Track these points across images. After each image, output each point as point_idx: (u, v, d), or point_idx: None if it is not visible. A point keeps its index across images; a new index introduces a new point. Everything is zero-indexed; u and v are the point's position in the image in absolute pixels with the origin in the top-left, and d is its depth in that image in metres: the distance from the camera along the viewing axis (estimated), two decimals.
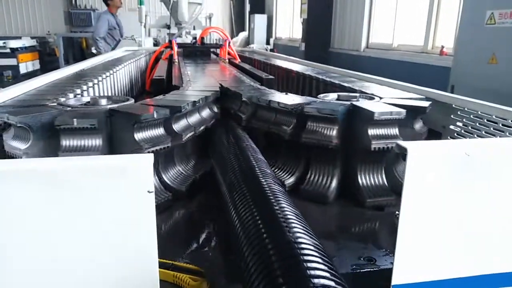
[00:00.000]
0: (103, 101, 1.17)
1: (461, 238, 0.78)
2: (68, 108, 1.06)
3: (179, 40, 6.48)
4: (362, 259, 0.92)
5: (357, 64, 6.64)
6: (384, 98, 1.36)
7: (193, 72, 2.18)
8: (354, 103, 1.17)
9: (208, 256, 0.93)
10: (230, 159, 1.03)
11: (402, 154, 0.71)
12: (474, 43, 3.82)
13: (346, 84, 1.77)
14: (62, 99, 1.22)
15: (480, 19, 3.68)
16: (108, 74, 1.86)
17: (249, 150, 1.05)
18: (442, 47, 5.44)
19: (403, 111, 1.10)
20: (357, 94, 1.42)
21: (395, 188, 1.17)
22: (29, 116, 0.99)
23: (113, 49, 7.12)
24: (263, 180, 0.87)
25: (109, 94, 1.88)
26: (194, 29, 7.91)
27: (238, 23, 16.26)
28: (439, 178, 0.72)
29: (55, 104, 1.14)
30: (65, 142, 0.98)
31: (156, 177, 1.14)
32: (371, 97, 1.38)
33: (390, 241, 1.01)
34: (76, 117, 0.94)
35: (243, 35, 13.55)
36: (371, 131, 1.10)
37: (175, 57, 2.71)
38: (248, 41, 13.00)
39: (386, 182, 1.18)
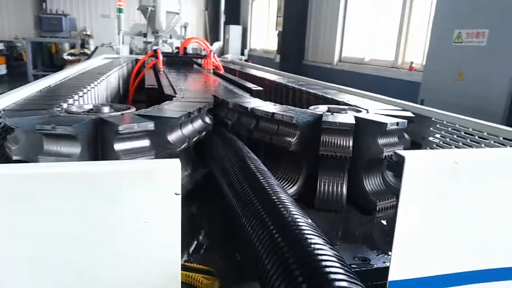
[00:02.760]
0: (106, 109, 1.21)
1: (451, 238, 0.86)
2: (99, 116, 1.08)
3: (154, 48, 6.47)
4: (356, 259, 1.00)
5: (330, 77, 6.81)
6: (370, 110, 1.46)
7: (182, 81, 2.22)
8: (362, 116, 1.27)
9: (215, 258, 0.97)
10: (235, 172, 1.07)
11: (400, 160, 0.79)
12: (443, 60, 4.04)
13: (329, 96, 1.87)
14: (65, 106, 1.24)
15: (448, 38, 3.90)
16: (96, 83, 1.88)
17: (251, 160, 1.11)
18: (412, 62, 5.70)
19: (405, 121, 1.21)
20: (346, 107, 1.51)
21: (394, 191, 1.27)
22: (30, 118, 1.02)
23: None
24: (270, 190, 0.93)
25: (97, 102, 1.90)
26: (170, 38, 7.94)
27: (213, 33, 16.37)
28: (431, 183, 0.81)
29: (59, 110, 1.16)
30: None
31: None
32: (358, 110, 1.47)
33: (383, 243, 1.09)
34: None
35: (217, 45, 13.64)
36: (382, 141, 1.19)
37: (161, 66, 2.74)
38: (222, 51, 13.11)
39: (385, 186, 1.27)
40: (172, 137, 1.17)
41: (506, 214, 0.89)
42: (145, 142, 1.03)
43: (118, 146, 0.97)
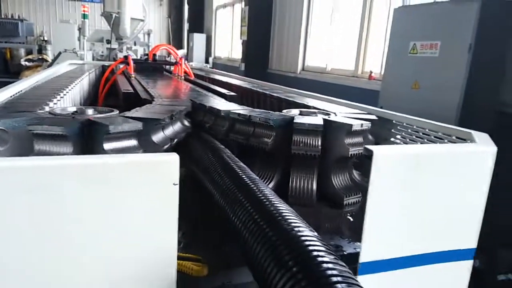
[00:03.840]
0: (90, 111, 1.25)
1: (412, 223, 0.98)
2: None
3: (120, 55, 6.44)
4: (330, 246, 1.10)
5: (294, 86, 6.99)
6: (338, 114, 1.58)
7: (156, 87, 2.27)
8: (330, 118, 1.39)
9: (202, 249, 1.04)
10: (217, 169, 1.15)
11: (369, 155, 0.90)
12: (399, 70, 4.28)
13: (299, 101, 1.98)
14: (48, 108, 1.27)
15: (405, 49, 4.14)
16: (71, 86, 1.90)
17: (230, 158, 1.19)
18: (371, 72, 5.98)
19: (369, 123, 1.33)
20: (316, 110, 1.62)
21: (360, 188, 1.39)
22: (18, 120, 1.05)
23: None
24: (251, 183, 1.01)
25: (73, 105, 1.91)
26: (135, 44, 7.88)
27: (176, 40, 16.34)
28: (396, 173, 0.92)
29: (43, 112, 1.20)
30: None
31: None
32: (327, 113, 1.59)
33: (352, 233, 1.20)
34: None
35: (181, 52, 13.61)
36: (348, 140, 1.31)
37: (132, 72, 2.77)
38: (187, 59, 13.11)
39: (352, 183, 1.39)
40: (156, 137, 1.23)
41: (460, 200, 1.02)
42: (133, 142, 1.08)
43: (108, 146, 1.03)
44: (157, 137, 1.26)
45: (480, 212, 1.04)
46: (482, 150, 1.03)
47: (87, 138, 1.04)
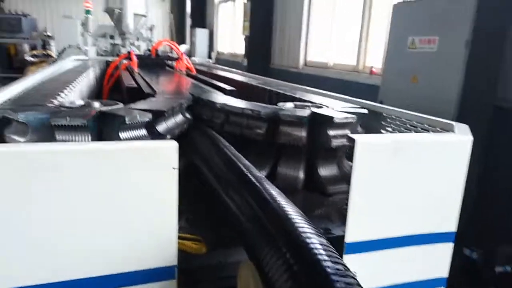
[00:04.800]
0: (97, 104, 1.34)
1: (395, 206, 1.07)
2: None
3: (123, 51, 6.50)
4: (320, 229, 1.18)
5: (296, 81, 7.06)
6: (330, 107, 1.66)
7: (158, 82, 2.36)
8: (316, 110, 1.46)
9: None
10: (215, 159, 1.23)
11: (351, 143, 0.98)
12: (399, 65, 4.35)
13: (296, 96, 2.06)
14: (57, 102, 1.36)
15: (404, 44, 4.20)
16: (78, 80, 1.99)
17: (227, 149, 1.28)
18: (372, 67, 6.04)
19: (354, 116, 1.41)
20: (309, 104, 1.70)
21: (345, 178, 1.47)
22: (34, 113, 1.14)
23: None
24: (247, 171, 1.09)
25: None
26: (138, 40, 7.96)
27: (178, 36, 16.39)
28: (377, 159, 1.00)
29: (53, 105, 1.29)
30: None
31: None
32: (320, 106, 1.67)
33: (339, 217, 1.28)
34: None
35: (184, 47, 13.66)
36: (331, 132, 1.39)
37: (135, 67, 2.85)
38: (189, 54, 13.17)
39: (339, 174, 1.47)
40: (160, 128, 1.32)
41: (438, 186, 1.10)
42: (143, 131, 1.18)
43: (123, 135, 1.13)
44: (160, 127, 1.35)
45: (458, 197, 1.12)
46: (458, 140, 1.11)
47: (103, 128, 1.13)
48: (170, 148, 0.82)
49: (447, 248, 1.16)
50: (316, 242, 0.80)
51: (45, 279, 0.80)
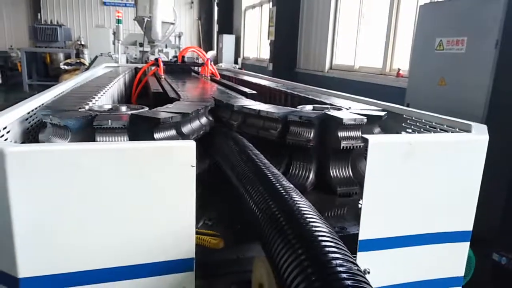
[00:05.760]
0: (124, 108, 1.42)
1: (409, 205, 1.08)
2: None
3: (151, 58, 6.70)
4: (336, 228, 1.21)
5: (322, 84, 7.04)
6: (350, 109, 1.68)
7: (184, 87, 2.44)
8: (327, 112, 1.49)
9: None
10: (237, 158, 1.28)
11: (365, 143, 1.01)
12: (426, 67, 4.29)
13: (317, 99, 2.09)
14: (88, 106, 1.45)
15: (431, 45, 4.14)
16: (109, 86, 2.09)
17: (249, 149, 1.33)
18: (399, 69, 5.97)
19: (364, 118, 1.42)
20: (328, 106, 1.73)
21: (359, 180, 1.48)
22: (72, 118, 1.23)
23: None
24: (267, 171, 1.13)
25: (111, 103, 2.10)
26: (166, 47, 8.17)
27: (206, 42, 16.67)
28: (390, 159, 1.02)
29: (83, 109, 1.37)
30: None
31: None
32: (339, 109, 1.69)
33: (354, 217, 1.30)
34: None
35: (211, 54, 13.89)
36: (342, 134, 1.41)
37: (162, 73, 2.96)
38: (216, 60, 13.38)
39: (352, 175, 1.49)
40: (185, 129, 1.40)
41: (453, 185, 1.11)
42: (173, 132, 1.26)
43: (157, 135, 1.22)
44: (185, 128, 1.42)
45: (475, 196, 1.12)
46: (474, 139, 1.11)
47: (138, 129, 1.21)
48: (188, 148, 0.87)
49: (463, 247, 1.16)
50: (328, 239, 0.82)
51: (75, 268, 0.87)
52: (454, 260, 1.16)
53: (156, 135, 1.26)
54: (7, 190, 0.80)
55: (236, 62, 13.20)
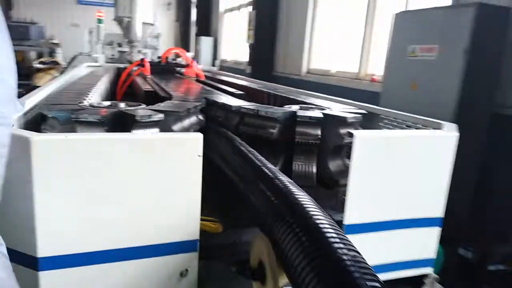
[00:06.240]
0: (122, 105, 1.50)
1: (389, 193, 1.21)
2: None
3: (136, 58, 6.69)
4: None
5: (299, 88, 7.21)
6: (333, 109, 1.81)
7: (171, 86, 2.52)
8: (328, 112, 1.61)
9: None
10: (231, 154, 1.38)
11: (351, 137, 1.13)
12: (399, 72, 4.49)
13: (299, 99, 2.22)
14: (87, 103, 1.52)
15: (404, 52, 4.34)
16: (99, 84, 2.16)
17: (242, 145, 1.42)
18: (373, 74, 6.19)
19: (361, 116, 1.55)
20: (313, 106, 1.86)
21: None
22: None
23: None
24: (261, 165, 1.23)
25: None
26: (145, 48, 8.15)
27: (184, 44, 16.64)
28: (372, 152, 1.15)
29: (84, 105, 1.45)
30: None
31: None
32: (322, 108, 1.82)
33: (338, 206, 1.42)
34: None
35: (189, 55, 13.86)
36: (343, 131, 1.52)
37: (148, 73, 3.02)
38: (197, 62, 13.37)
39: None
40: (175, 128, 1.48)
41: (427, 176, 1.24)
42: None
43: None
44: (176, 127, 1.50)
45: (445, 186, 1.26)
46: (445, 135, 1.26)
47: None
48: (196, 139, 0.98)
49: (435, 232, 1.30)
50: (321, 217, 0.93)
51: (90, 249, 0.96)
52: (427, 243, 1.30)
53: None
54: (32, 176, 0.88)
55: (213, 64, 13.25)
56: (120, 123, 1.31)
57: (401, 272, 1.30)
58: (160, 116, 1.31)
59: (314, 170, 1.57)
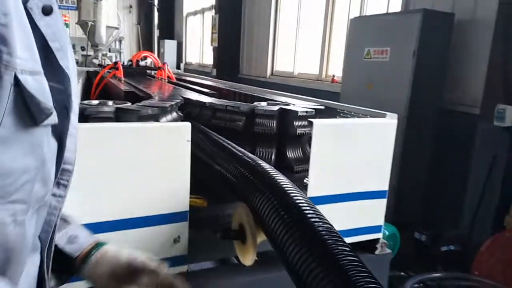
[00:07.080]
0: (110, 103, 1.68)
1: (343, 171, 1.47)
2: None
3: (108, 62, 6.74)
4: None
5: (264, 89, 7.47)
6: (296, 105, 2.07)
7: (147, 87, 2.70)
8: (284, 107, 1.86)
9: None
10: (208, 144, 1.60)
11: (310, 125, 1.38)
12: (356, 73, 4.81)
13: (268, 97, 2.47)
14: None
15: (360, 54, 4.68)
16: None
17: (217, 137, 1.64)
18: (333, 75, 6.54)
19: (312, 110, 1.80)
20: (279, 102, 2.10)
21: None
22: None
23: None
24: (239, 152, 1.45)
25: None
26: (109, 51, 8.18)
27: (146, 47, 16.56)
28: (328, 137, 1.41)
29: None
30: None
31: None
32: (287, 104, 2.07)
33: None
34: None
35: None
36: (296, 123, 1.77)
37: (122, 76, 3.17)
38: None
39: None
40: (162, 121, 1.68)
41: (374, 156, 1.52)
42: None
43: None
44: (164, 120, 1.70)
45: (388, 164, 1.54)
46: (387, 122, 1.54)
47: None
48: (185, 127, 1.19)
49: (382, 203, 1.57)
50: (289, 185, 1.15)
51: (95, 220, 1.15)
52: (376, 212, 1.57)
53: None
54: None
55: (178, 67, 13.31)
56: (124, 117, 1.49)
57: (356, 238, 1.56)
58: (155, 110, 1.51)
59: (273, 156, 1.82)
